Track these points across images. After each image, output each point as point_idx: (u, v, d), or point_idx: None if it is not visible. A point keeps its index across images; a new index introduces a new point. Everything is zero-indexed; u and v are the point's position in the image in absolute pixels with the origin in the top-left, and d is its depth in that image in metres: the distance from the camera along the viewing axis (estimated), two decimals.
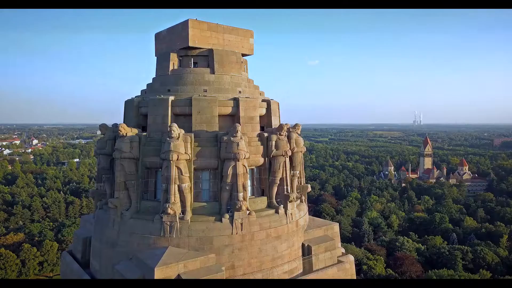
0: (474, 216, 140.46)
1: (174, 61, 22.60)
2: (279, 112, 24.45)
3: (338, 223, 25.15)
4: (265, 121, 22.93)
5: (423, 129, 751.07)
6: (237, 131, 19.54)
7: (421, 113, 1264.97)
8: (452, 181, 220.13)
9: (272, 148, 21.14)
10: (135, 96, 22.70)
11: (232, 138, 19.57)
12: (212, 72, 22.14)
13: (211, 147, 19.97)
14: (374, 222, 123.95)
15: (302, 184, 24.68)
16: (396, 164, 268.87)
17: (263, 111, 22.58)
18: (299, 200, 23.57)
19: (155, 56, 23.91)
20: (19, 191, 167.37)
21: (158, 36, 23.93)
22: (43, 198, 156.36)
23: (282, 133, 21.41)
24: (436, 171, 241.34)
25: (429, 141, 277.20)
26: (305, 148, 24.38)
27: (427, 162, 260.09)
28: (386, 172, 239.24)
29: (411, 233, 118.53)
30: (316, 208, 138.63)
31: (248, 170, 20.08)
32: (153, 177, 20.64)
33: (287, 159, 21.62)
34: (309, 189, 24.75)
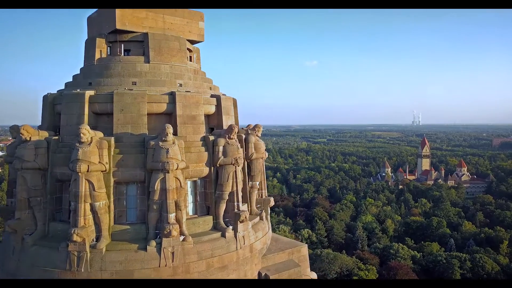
0: (473, 220, 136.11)
1: (101, 48, 18.40)
2: (235, 110, 20.30)
3: (306, 245, 20.92)
4: (215, 121, 18.77)
5: (422, 130, 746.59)
6: (167, 134, 15.34)
7: (420, 113, 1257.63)
8: (451, 182, 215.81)
9: (219, 155, 16.96)
10: (58, 91, 18.44)
11: (160, 143, 15.37)
12: (147, 61, 17.94)
13: (137, 154, 15.77)
14: (368, 227, 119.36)
15: (264, 197, 20.54)
16: (394, 165, 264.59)
17: (211, 109, 18.41)
18: (258, 218, 19.42)
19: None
20: None
21: (89, 19, 19.71)
22: None
23: (232, 136, 17.23)
24: (434, 172, 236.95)
25: (426, 141, 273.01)
26: (266, 154, 20.22)
27: (425, 163, 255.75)
28: (383, 174, 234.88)
29: (407, 238, 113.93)
30: (308, 213, 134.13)
31: (183, 183, 15.87)
32: (67, 192, 16.35)
33: (239, 169, 17.44)
34: (272, 202, 20.60)
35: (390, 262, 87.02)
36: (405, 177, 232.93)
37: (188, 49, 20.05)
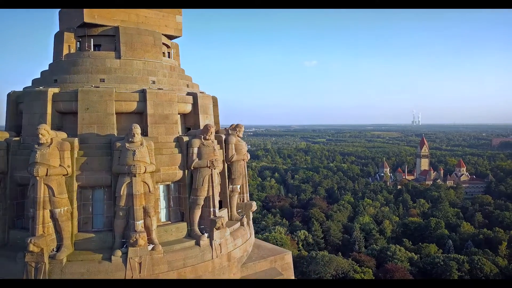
0: (472, 221, 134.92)
1: (70, 43, 17.26)
2: (215, 109, 19.21)
3: (290, 252, 19.75)
4: (192, 121, 17.63)
5: (421, 129, 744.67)
6: (134, 135, 14.19)
7: (419, 113, 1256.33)
8: (450, 182, 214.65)
9: (194, 157, 15.82)
10: (24, 88, 17.26)
11: (127, 144, 14.21)
12: (118, 56, 16.78)
13: (103, 157, 14.63)
14: (366, 228, 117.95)
15: (245, 201, 19.40)
16: (393, 165, 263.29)
17: (187, 108, 17.27)
18: (238, 224, 18.28)
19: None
20: None
21: (60, 12, 18.52)
22: None
23: (208, 137, 16.07)
24: (433, 172, 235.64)
25: (425, 141, 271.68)
26: (248, 155, 19.09)
27: (424, 163, 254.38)
28: (382, 174, 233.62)
29: (404, 239, 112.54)
30: (305, 213, 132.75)
31: (153, 188, 14.71)
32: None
33: (216, 172, 16.28)
34: (254, 207, 19.46)
35: (386, 264, 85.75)
36: (403, 177, 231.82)
37: (165, 44, 18.96)
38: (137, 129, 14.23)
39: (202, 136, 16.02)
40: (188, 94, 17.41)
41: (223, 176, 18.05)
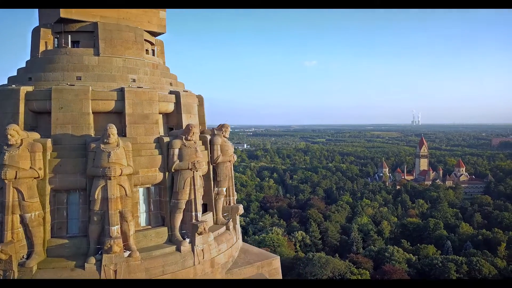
0: (471, 222, 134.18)
1: (47, 40, 16.55)
2: (200, 109, 18.52)
3: (279, 257, 19.04)
4: (175, 121, 16.92)
5: (421, 129, 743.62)
6: (109, 135, 13.47)
7: (419, 113, 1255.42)
8: (449, 183, 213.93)
9: (174, 159, 15.11)
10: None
11: (102, 146, 13.50)
12: (97, 53, 16.06)
13: (77, 159, 13.93)
14: (364, 229, 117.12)
15: (232, 204, 18.66)
16: (392, 165, 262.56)
17: (170, 107, 16.55)
18: (224, 228, 17.57)
19: None
20: None
21: (40, 9, 17.79)
22: None
23: (190, 137, 15.36)
24: (432, 172, 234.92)
25: (424, 141, 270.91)
26: (235, 157, 18.39)
27: (423, 164, 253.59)
28: (381, 174, 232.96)
29: (403, 240, 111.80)
30: (302, 214, 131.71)
31: (130, 191, 14.01)
32: None
33: (198, 174, 15.57)
34: (241, 210, 18.75)
35: (384, 266, 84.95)
36: (403, 177, 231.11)
37: (149, 41, 18.24)
38: (113, 129, 13.52)
39: (184, 137, 15.32)
40: (171, 92, 16.69)
41: (208, 178, 17.40)
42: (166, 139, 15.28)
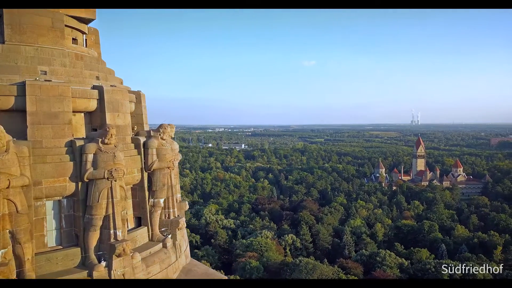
0: (467, 224, 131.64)
1: None
2: (137, 107, 16.17)
3: (226, 277, 16.56)
4: (99, 121, 14.44)
5: (420, 129, 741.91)
6: None
7: (419, 112, 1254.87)
8: (446, 183, 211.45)
9: (87, 167, 12.64)
10: None
11: None
12: (2, 41, 13.57)
13: None
14: (357, 232, 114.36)
15: (171, 217, 16.18)
16: (390, 165, 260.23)
17: (91, 105, 14.07)
18: (160, 245, 15.14)
19: None
20: None
21: None
22: None
23: (107, 141, 12.91)
24: (429, 173, 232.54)
25: (422, 141, 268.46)
26: (177, 162, 15.98)
27: (420, 164, 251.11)
28: (377, 175, 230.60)
29: (396, 243, 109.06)
30: (294, 216, 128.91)
31: (22, 207, 11.47)
32: None
33: (117, 184, 13.09)
34: (183, 225, 16.30)
35: (374, 272, 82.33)
36: (399, 177, 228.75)
37: (78, 29, 15.78)
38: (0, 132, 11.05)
39: (100, 140, 12.84)
40: (94, 88, 14.22)
41: (142, 188, 15.03)
42: (80, 143, 12.81)
